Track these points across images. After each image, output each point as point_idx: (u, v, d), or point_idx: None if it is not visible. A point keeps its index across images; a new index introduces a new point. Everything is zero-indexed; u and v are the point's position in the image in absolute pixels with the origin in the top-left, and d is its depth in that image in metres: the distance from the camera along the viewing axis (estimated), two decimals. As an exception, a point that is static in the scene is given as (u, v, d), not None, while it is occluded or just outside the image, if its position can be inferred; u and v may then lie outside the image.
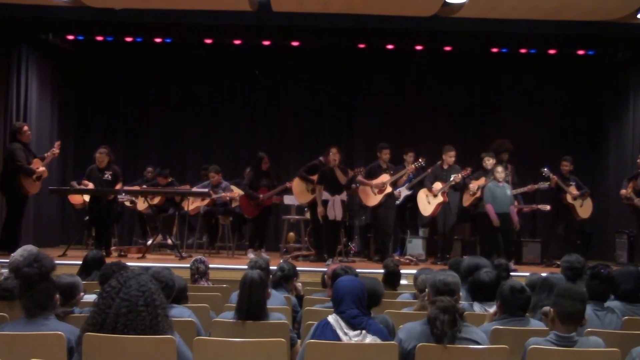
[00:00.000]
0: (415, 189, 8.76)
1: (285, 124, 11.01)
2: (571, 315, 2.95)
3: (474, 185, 8.22)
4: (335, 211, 7.79)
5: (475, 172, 8.39)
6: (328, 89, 10.94)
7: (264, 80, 10.87)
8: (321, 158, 8.52)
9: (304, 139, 10.93)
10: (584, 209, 8.52)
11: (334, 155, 7.87)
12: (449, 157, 8.32)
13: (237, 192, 8.60)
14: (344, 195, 7.97)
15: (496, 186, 7.70)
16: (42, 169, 7.82)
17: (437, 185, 8.27)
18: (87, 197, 8.63)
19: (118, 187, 8.11)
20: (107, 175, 8.10)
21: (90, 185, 8.08)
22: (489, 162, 8.23)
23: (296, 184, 8.47)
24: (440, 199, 8.23)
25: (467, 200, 8.34)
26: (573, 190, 8.44)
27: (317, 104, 10.96)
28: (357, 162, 9.36)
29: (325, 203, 7.83)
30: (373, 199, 8.23)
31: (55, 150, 8.02)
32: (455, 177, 8.10)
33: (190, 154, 10.90)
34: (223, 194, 8.49)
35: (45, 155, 8.00)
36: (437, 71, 10.67)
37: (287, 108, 10.97)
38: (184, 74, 10.81)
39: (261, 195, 8.30)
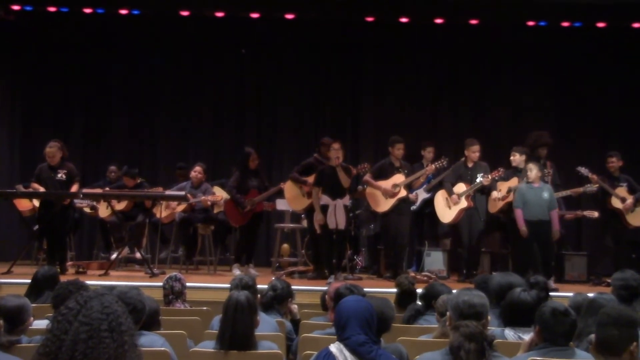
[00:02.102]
0: (434, 191, 8.76)
1: (277, 113, 11.01)
2: (612, 345, 2.96)
3: (502, 187, 8.22)
4: (337, 219, 7.77)
5: (506, 171, 8.39)
6: (329, 72, 10.96)
7: (252, 60, 10.88)
8: (316, 155, 8.52)
9: (300, 131, 10.94)
10: (636, 215, 8.46)
11: (336, 152, 7.85)
12: (472, 152, 8.32)
13: (220, 195, 8.61)
14: (346, 200, 7.96)
15: (529, 188, 7.67)
16: None
17: (460, 187, 8.26)
18: (37, 202, 8.62)
19: (74, 188, 8.10)
20: (61, 175, 8.10)
21: (42, 189, 8.08)
22: (515, 158, 8.22)
23: (289, 187, 8.47)
24: (464, 203, 8.22)
25: (494, 206, 8.33)
26: (621, 192, 8.39)
27: (316, 90, 10.97)
28: (364, 160, 9.37)
29: (324, 209, 7.82)
30: (384, 204, 8.23)
31: None
32: (483, 179, 8.08)
33: (163, 150, 10.91)
34: (203, 197, 8.49)
35: None
36: (460, 50, 10.67)
37: (280, 94, 10.98)
38: (155, 53, 10.82)
39: (253, 199, 8.29)
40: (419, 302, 4.88)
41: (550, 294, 5.16)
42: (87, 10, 10.05)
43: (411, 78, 10.82)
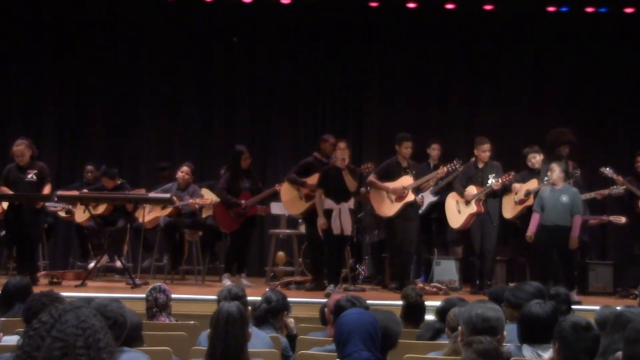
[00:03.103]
0: (442, 193, 8.76)
1: (272, 107, 11.01)
2: None
3: (518, 189, 8.20)
4: (343, 223, 7.77)
5: (520, 173, 8.39)
6: (330, 62, 10.95)
7: (244, 50, 10.88)
8: (316, 153, 8.51)
9: (297, 128, 10.94)
10: None
11: (342, 152, 7.83)
12: (482, 152, 8.32)
13: (209, 198, 8.60)
14: (352, 203, 7.97)
15: (550, 190, 7.69)
16: None
17: (471, 190, 8.26)
18: (6, 205, 8.59)
19: (46, 190, 8.09)
20: (31, 176, 8.08)
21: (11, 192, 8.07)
22: (535, 159, 8.22)
23: (285, 189, 8.45)
24: (473, 208, 8.22)
25: (510, 210, 8.32)
26: None
27: (314, 82, 10.97)
28: (367, 159, 9.37)
29: (328, 213, 7.82)
30: (389, 208, 8.23)
31: None
32: (493, 183, 8.08)
33: (146, 148, 10.90)
34: (190, 200, 8.49)
35: None
36: (474, 38, 10.67)
37: (275, 86, 10.98)
38: (137, 40, 10.82)
39: (243, 202, 8.29)
40: (432, 318, 4.87)
41: (573, 307, 5.16)
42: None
43: (420, 69, 10.81)
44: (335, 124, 10.57)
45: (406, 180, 8.19)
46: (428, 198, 8.84)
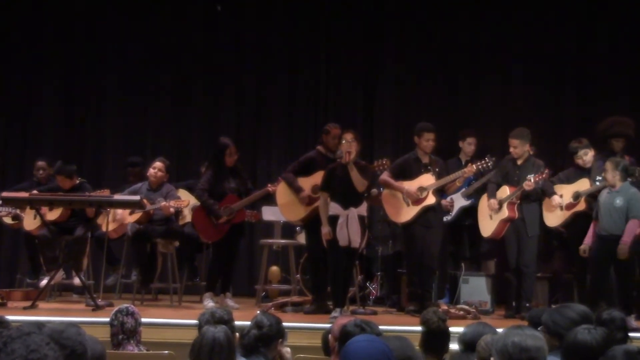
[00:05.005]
0: (476, 196, 8.75)
1: (263, 91, 11.02)
2: None
3: (564, 191, 8.20)
4: (350, 233, 7.76)
5: (564, 171, 8.38)
6: (334, 36, 10.95)
7: (229, 20, 10.89)
8: (320, 147, 8.51)
9: (294, 117, 10.95)
10: None
11: (348, 145, 7.80)
12: (514, 147, 8.29)
13: (187, 200, 8.61)
14: (363, 209, 7.94)
15: (608, 193, 7.70)
16: None
17: (504, 191, 8.25)
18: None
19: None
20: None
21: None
22: (587, 157, 8.23)
23: (282, 190, 8.46)
24: (504, 213, 8.21)
25: (556, 217, 8.31)
26: None
27: (315, 60, 10.96)
28: (379, 154, 9.37)
29: (333, 220, 7.83)
30: (405, 213, 8.23)
31: None
32: (525, 183, 8.05)
33: (110, 139, 10.92)
34: (164, 203, 8.50)
35: None
36: (508, 7, 10.61)
37: (267, 67, 10.98)
38: (101, 9, 10.82)
39: (231, 206, 8.30)
40: (455, 346, 4.87)
41: (630, 334, 5.16)
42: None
43: (446, 44, 10.73)
44: (339, 111, 10.57)
45: (426, 180, 8.17)
46: (459, 202, 8.83)
